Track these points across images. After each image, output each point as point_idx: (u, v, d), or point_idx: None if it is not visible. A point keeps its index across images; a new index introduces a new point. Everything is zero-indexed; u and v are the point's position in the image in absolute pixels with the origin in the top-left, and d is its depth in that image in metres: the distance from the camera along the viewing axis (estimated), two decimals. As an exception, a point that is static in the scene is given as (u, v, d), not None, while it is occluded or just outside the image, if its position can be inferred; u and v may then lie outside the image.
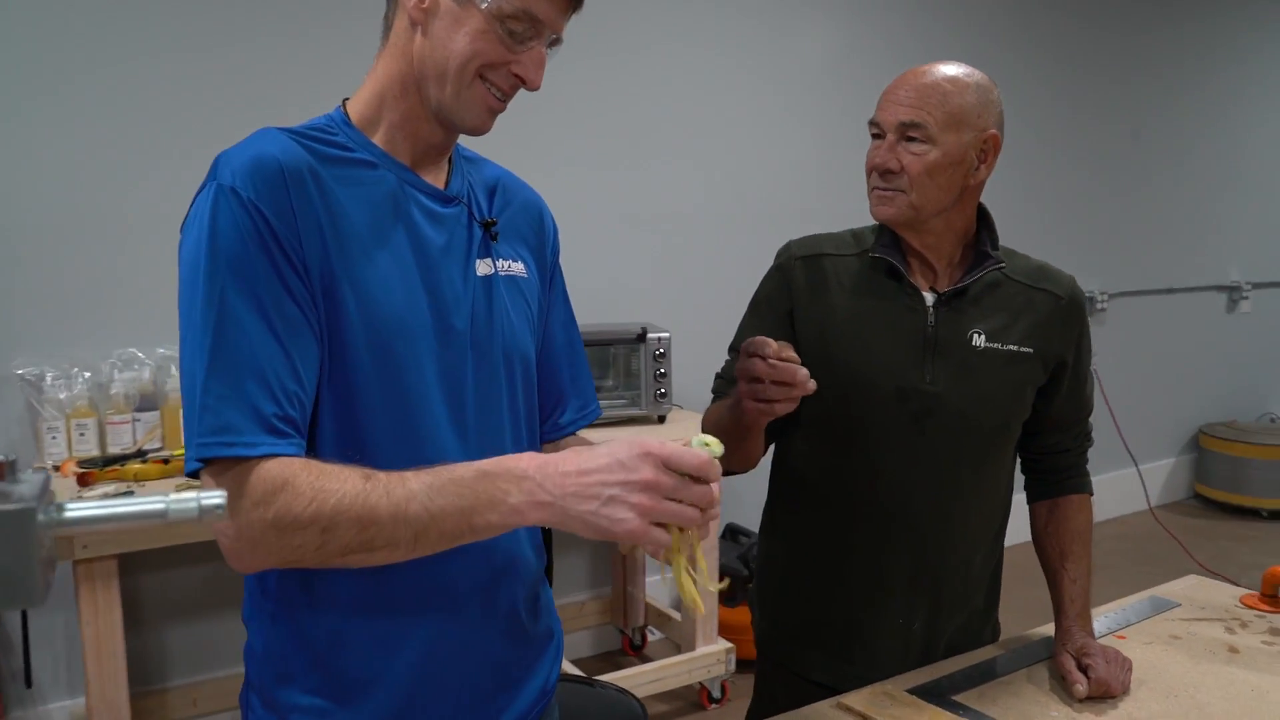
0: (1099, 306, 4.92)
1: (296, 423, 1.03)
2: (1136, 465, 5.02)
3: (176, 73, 2.78)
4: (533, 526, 1.25)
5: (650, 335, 3.12)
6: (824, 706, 1.43)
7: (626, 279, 3.58)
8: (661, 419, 3.19)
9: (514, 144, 1.21)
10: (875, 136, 1.53)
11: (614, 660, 3.61)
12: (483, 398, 1.19)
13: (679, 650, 3.27)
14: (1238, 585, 1.92)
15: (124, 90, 2.72)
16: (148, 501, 0.46)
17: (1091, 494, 1.69)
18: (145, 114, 2.74)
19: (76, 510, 0.45)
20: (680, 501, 0.98)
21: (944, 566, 1.60)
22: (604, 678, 2.98)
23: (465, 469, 1.01)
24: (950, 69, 1.50)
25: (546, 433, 1.36)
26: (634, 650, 3.66)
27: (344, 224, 1.09)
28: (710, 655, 3.17)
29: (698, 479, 0.99)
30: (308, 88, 2.91)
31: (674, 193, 3.67)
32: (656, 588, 3.61)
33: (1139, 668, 1.53)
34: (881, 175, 1.50)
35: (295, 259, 1.04)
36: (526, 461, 1.01)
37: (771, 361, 1.30)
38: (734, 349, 1.65)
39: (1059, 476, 1.68)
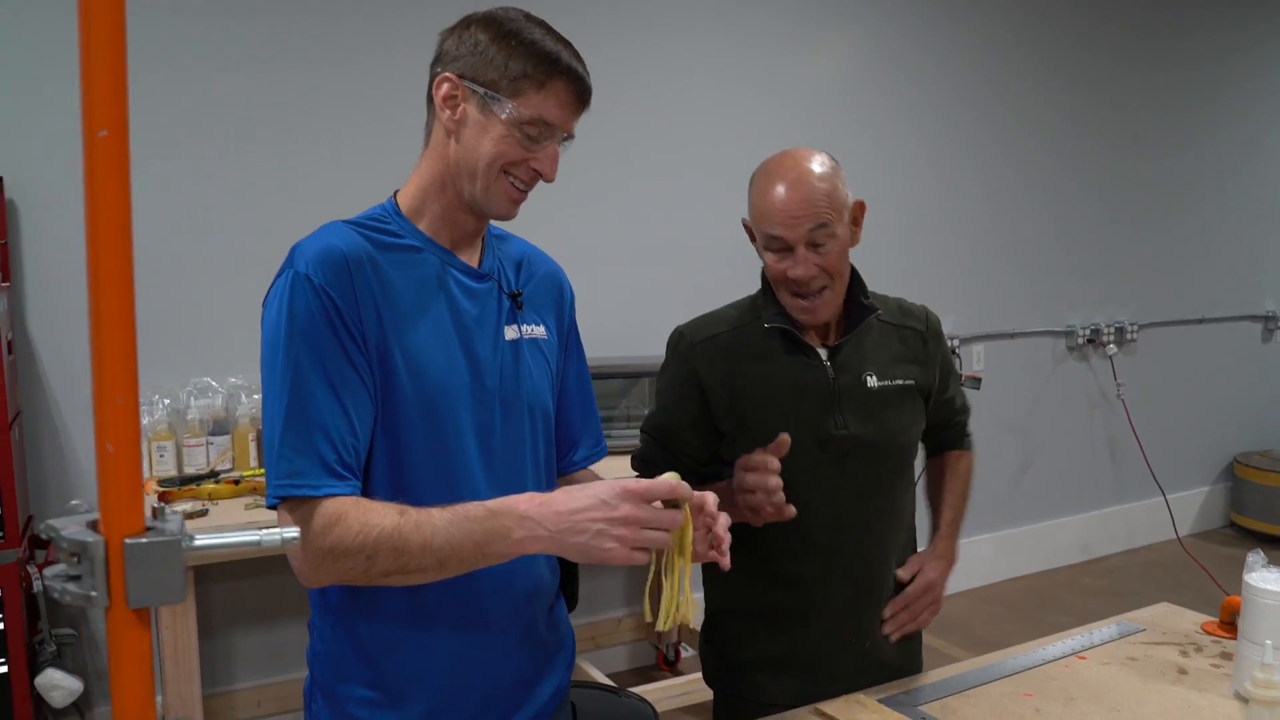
0: (1129, 337, 5.03)
1: (353, 467, 1.27)
2: (1164, 494, 5.11)
3: (257, 121, 3.06)
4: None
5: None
6: (803, 713, 1.63)
7: (647, 312, 3.74)
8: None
9: (544, 195, 1.43)
10: (778, 251, 1.66)
11: (647, 674, 3.79)
12: (509, 443, 1.41)
13: (707, 665, 3.44)
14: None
15: (206, 135, 3.00)
16: (247, 534, 0.69)
17: (970, 450, 2.02)
18: (225, 159, 3.03)
19: (201, 540, 0.68)
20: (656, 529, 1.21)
21: (879, 585, 1.79)
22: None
23: (477, 508, 1.24)
24: (812, 164, 1.64)
25: (563, 468, 1.59)
26: (668, 665, 3.85)
27: (396, 301, 1.32)
28: (736, 670, 3.34)
29: (670, 503, 1.23)
30: (365, 166, 3.18)
31: (688, 226, 3.84)
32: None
33: (1093, 686, 1.70)
34: (802, 284, 1.65)
35: (356, 333, 1.27)
36: (525, 503, 1.23)
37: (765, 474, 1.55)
38: (646, 430, 1.82)
39: (944, 444, 2.01)
